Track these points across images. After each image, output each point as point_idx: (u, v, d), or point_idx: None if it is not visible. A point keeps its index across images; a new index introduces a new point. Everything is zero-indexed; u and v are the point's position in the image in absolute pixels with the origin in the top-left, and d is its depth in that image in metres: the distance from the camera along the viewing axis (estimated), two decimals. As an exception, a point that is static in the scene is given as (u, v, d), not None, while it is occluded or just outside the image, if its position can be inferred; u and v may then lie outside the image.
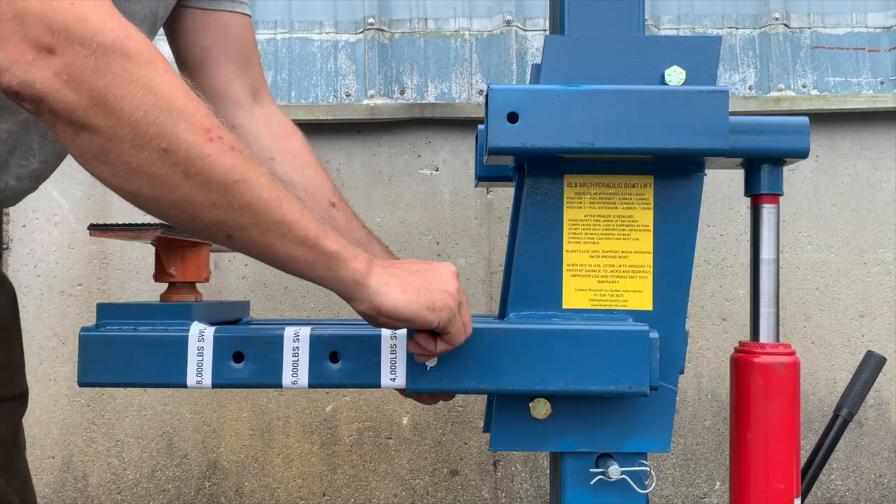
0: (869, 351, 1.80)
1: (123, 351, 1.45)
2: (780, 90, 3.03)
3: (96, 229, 1.48)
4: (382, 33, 3.06)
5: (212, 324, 1.51)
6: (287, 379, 1.45)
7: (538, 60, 2.50)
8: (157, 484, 3.06)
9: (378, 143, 3.07)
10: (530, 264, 1.54)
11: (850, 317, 3.07)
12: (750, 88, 3.06)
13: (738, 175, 1.64)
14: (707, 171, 1.55)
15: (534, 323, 1.49)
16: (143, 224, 1.45)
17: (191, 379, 1.46)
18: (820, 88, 3.06)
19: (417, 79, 3.08)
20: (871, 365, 1.78)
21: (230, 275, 3.04)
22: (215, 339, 1.46)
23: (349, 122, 3.03)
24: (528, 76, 3.02)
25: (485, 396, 2.14)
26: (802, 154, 1.53)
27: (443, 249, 3.05)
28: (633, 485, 1.53)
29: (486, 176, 1.87)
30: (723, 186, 3.03)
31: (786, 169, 1.61)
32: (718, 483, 3.10)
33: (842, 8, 3.09)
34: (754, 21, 3.10)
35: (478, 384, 1.44)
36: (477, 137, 1.86)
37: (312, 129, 3.01)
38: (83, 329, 1.47)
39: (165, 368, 1.46)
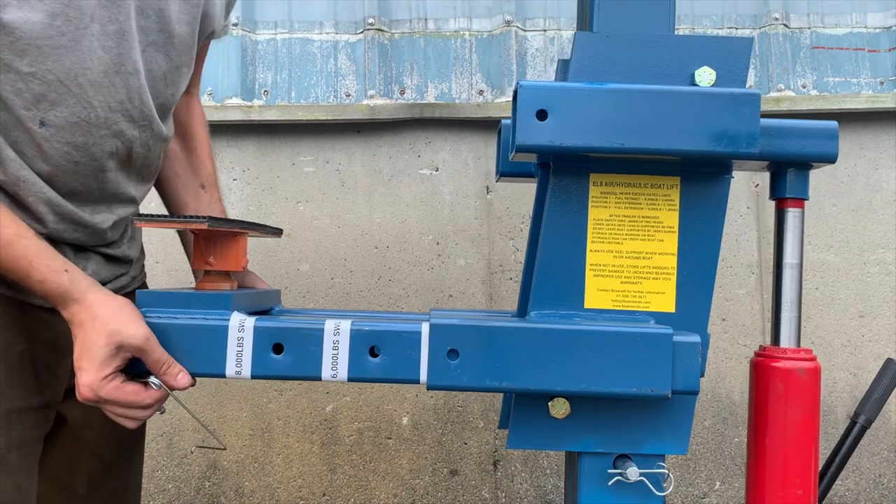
0: (889, 359, 1.80)
1: (163, 339, 1.45)
2: (780, 90, 3.04)
3: (143, 219, 1.47)
4: (382, 33, 3.05)
5: (249, 314, 1.50)
6: (327, 372, 1.45)
7: (538, 60, 2.51)
8: (157, 484, 3.05)
9: (378, 143, 3.06)
10: (553, 263, 1.54)
11: (850, 317, 3.07)
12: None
13: (738, 175, 1.64)
14: (734, 172, 1.55)
15: (556, 323, 1.48)
16: (190, 216, 1.45)
17: (230, 369, 1.45)
18: (820, 89, 3.06)
19: (417, 79, 3.07)
20: (892, 372, 1.78)
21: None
22: (255, 329, 1.46)
23: (349, 122, 3.02)
24: (527, 76, 3.02)
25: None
26: (830, 159, 1.52)
27: (443, 249, 3.05)
28: (651, 487, 1.52)
29: (509, 172, 1.86)
30: (723, 187, 3.04)
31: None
32: (718, 483, 3.10)
33: (842, 8, 3.09)
34: (754, 21, 3.10)
35: (499, 382, 1.44)
36: (499, 132, 1.85)
37: (312, 128, 3.01)
38: None
39: (205, 358, 1.47)
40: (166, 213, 2.00)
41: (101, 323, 1.41)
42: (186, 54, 1.71)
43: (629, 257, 1.54)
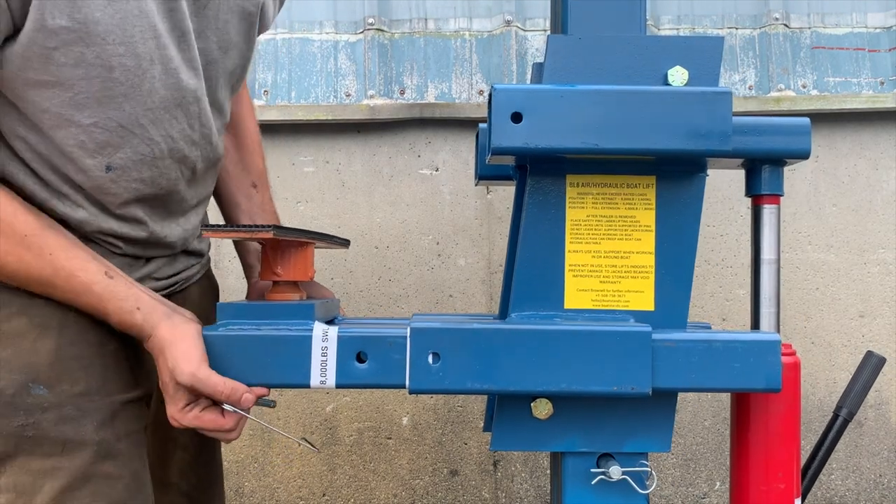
0: (869, 351, 1.80)
1: (246, 351, 1.48)
2: (780, 90, 3.03)
3: (209, 230, 1.50)
4: (382, 33, 3.06)
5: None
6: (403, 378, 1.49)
7: (538, 60, 2.50)
8: (157, 484, 3.06)
9: (378, 143, 3.06)
10: (532, 264, 1.54)
11: (850, 317, 3.07)
12: (750, 88, 3.06)
13: (738, 175, 1.64)
14: (708, 170, 1.56)
15: (536, 323, 1.49)
16: (256, 225, 1.46)
17: (314, 379, 1.48)
18: (820, 88, 3.05)
19: (417, 79, 3.08)
20: (871, 365, 1.78)
21: (230, 275, 3.04)
22: (339, 339, 1.48)
23: (349, 123, 3.03)
24: (528, 76, 3.02)
25: (485, 396, 2.14)
26: (803, 155, 1.53)
27: (443, 249, 3.05)
28: (634, 485, 1.53)
29: (487, 175, 1.87)
30: (723, 186, 3.03)
31: (786, 169, 1.61)
32: (718, 483, 3.10)
33: (842, 8, 3.09)
34: (754, 21, 3.09)
35: (480, 384, 1.45)
36: (477, 136, 1.86)
37: (312, 128, 3.01)
38: (204, 329, 1.49)
39: (289, 368, 1.49)
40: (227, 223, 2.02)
41: (164, 359, 1.47)
42: (243, 58, 1.72)
43: (607, 257, 1.55)
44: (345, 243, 1.87)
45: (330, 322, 1.66)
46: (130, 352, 1.63)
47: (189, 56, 1.51)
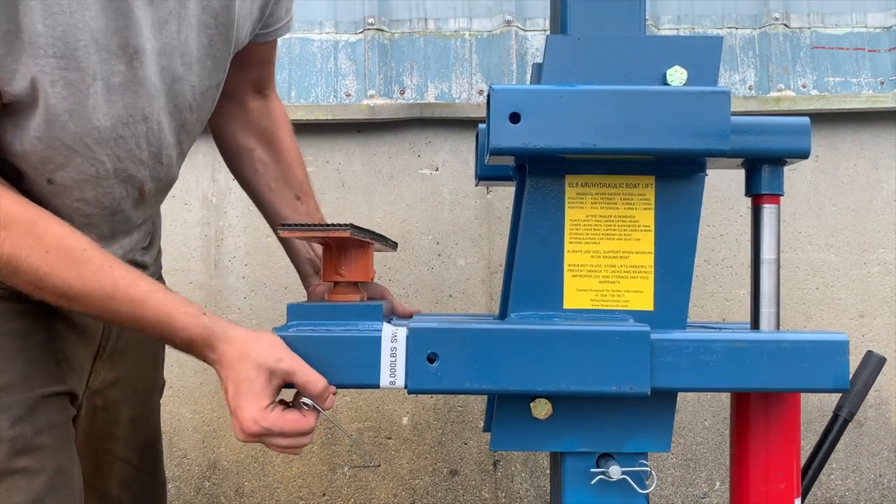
0: (869, 351, 1.80)
1: (317, 351, 1.48)
2: (780, 90, 3.03)
3: (286, 229, 1.50)
4: (382, 33, 3.06)
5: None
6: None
7: (538, 60, 2.51)
8: (157, 484, 3.06)
9: (378, 143, 3.06)
10: (531, 264, 1.54)
11: (850, 317, 3.07)
12: (750, 88, 3.06)
13: (738, 175, 1.64)
14: (708, 170, 1.56)
15: (535, 323, 1.49)
16: (333, 224, 1.47)
17: (384, 380, 1.48)
18: (820, 88, 3.05)
19: (417, 79, 3.08)
20: (871, 365, 1.78)
21: (230, 275, 3.04)
22: (408, 339, 1.48)
23: (349, 122, 3.03)
24: (528, 76, 3.02)
25: (485, 396, 2.14)
26: (803, 154, 1.53)
27: (443, 249, 3.05)
28: (634, 485, 1.53)
29: (487, 175, 1.87)
30: (723, 186, 3.03)
31: (786, 169, 1.61)
32: (718, 483, 3.10)
33: (842, 8, 3.08)
34: (754, 21, 3.09)
35: (479, 384, 1.44)
36: (477, 137, 1.86)
37: (312, 129, 3.01)
38: (275, 329, 1.50)
39: (359, 368, 1.49)
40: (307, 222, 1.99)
41: (250, 357, 1.43)
42: (210, 76, 1.68)
43: (607, 257, 1.54)
44: (394, 246, 1.88)
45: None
46: (58, 346, 1.60)
47: (139, 74, 1.48)
